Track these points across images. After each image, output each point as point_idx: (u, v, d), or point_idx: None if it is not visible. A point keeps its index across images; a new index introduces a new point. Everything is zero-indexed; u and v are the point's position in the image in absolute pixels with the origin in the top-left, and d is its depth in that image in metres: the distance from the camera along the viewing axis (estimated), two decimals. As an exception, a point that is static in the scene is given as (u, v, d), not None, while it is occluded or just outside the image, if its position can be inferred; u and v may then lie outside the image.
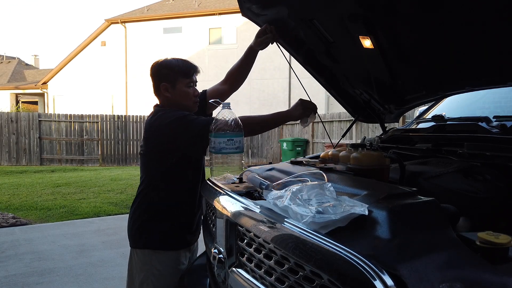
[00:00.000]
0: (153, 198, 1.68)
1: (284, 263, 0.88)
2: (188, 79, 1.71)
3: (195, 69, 1.76)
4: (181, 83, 1.70)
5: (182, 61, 1.75)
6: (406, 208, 0.80)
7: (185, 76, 1.70)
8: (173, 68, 1.71)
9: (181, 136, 1.59)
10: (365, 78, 1.94)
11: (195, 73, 1.75)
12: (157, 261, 1.64)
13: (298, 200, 0.90)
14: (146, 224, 1.68)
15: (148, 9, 19.46)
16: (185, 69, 1.72)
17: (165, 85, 1.70)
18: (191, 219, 1.74)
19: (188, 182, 1.72)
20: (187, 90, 1.71)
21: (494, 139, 1.39)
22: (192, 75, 1.73)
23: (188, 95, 1.71)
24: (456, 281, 0.62)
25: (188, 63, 1.75)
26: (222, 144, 1.42)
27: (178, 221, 1.69)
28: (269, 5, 1.68)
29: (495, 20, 1.26)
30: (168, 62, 1.74)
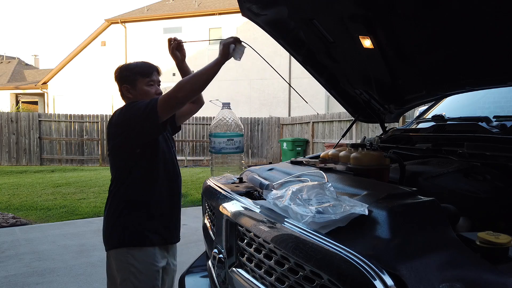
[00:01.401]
0: (122, 196, 1.67)
1: (284, 263, 0.88)
2: (148, 78, 1.74)
3: (154, 68, 1.79)
4: (141, 82, 1.73)
5: (142, 62, 1.81)
6: (406, 208, 0.80)
7: (144, 75, 1.74)
8: (132, 69, 1.76)
9: (132, 121, 1.60)
10: (365, 78, 1.94)
11: (155, 72, 1.78)
12: (133, 259, 1.62)
13: (298, 200, 0.90)
14: (117, 222, 1.66)
15: (148, 9, 19.45)
16: (144, 68, 1.76)
17: (126, 87, 1.74)
18: (166, 215, 1.73)
19: (156, 176, 1.70)
20: (147, 89, 1.73)
21: (494, 139, 1.39)
22: (152, 74, 1.76)
23: (149, 93, 1.72)
24: (456, 281, 0.62)
25: (147, 63, 1.81)
26: (222, 144, 1.42)
27: (150, 217, 1.68)
28: (269, 5, 1.68)
29: (495, 20, 1.26)
30: (128, 64, 1.83)
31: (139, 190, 1.67)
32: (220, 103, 1.52)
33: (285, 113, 16.21)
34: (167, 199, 1.73)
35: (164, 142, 1.75)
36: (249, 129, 13.03)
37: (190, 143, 13.03)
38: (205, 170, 10.95)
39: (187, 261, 2.24)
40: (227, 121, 1.45)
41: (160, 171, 1.71)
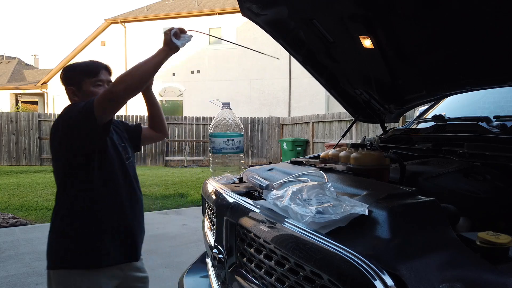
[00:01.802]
0: (66, 210, 1.51)
1: (284, 263, 0.88)
2: (94, 77, 1.58)
3: (102, 66, 1.63)
4: (87, 83, 1.57)
5: (89, 61, 1.66)
6: (406, 208, 0.80)
7: (90, 75, 1.58)
8: (76, 69, 1.61)
9: (71, 124, 1.45)
10: (365, 78, 1.94)
11: (103, 71, 1.62)
12: (74, 284, 1.45)
13: (298, 200, 0.90)
14: (59, 238, 1.49)
15: (148, 9, 19.45)
16: (89, 67, 1.61)
17: (71, 89, 1.59)
18: (117, 230, 1.54)
19: (102, 185, 1.52)
20: (94, 90, 1.56)
21: (494, 139, 1.39)
22: (99, 73, 1.60)
23: (95, 94, 1.53)
24: (456, 281, 0.62)
25: (94, 62, 1.65)
26: (222, 144, 1.42)
27: (97, 233, 1.49)
28: (269, 5, 1.68)
29: (495, 20, 1.26)
30: (72, 64, 1.67)
31: (84, 203, 1.50)
32: (220, 103, 1.52)
33: (285, 113, 16.22)
34: (116, 211, 1.54)
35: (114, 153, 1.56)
36: (249, 129, 13.03)
37: (190, 143, 13.03)
38: (205, 170, 10.95)
39: (187, 261, 2.24)
40: (227, 121, 1.45)
41: (102, 180, 1.52)
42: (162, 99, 18.39)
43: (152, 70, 1.44)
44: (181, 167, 12.25)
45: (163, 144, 12.84)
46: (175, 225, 5.03)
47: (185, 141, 13.02)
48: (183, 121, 13.10)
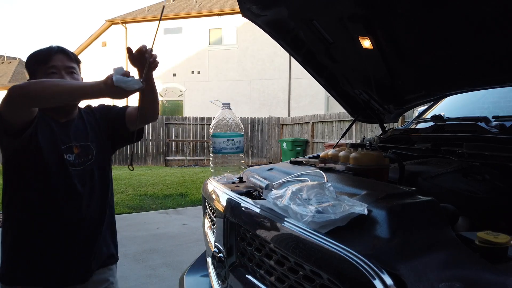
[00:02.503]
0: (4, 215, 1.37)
1: (284, 263, 0.88)
2: (45, 65, 1.36)
3: (55, 50, 1.39)
4: (40, 72, 1.36)
5: (45, 47, 1.43)
6: (405, 208, 0.80)
7: (41, 62, 1.36)
8: (30, 58, 1.41)
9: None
10: (364, 78, 1.95)
11: (57, 55, 1.38)
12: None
13: (298, 199, 0.90)
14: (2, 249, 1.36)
15: (148, 10, 19.46)
16: (41, 54, 1.38)
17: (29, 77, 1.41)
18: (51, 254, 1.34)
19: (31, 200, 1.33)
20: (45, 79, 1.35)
21: (493, 139, 1.39)
22: (50, 60, 1.36)
23: None
24: (455, 280, 0.63)
25: (48, 47, 1.41)
26: (222, 144, 1.43)
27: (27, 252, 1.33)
28: (269, 6, 1.68)
29: (495, 20, 1.27)
30: (31, 53, 1.44)
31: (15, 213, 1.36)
32: (220, 103, 1.52)
33: (285, 113, 16.22)
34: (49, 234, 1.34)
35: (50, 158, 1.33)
36: (249, 129, 13.03)
37: (190, 143, 13.04)
38: (205, 170, 10.95)
39: (188, 260, 2.24)
40: (227, 121, 1.46)
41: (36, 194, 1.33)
42: (162, 99, 18.40)
43: (68, 94, 1.21)
44: (181, 167, 12.26)
45: (163, 144, 12.85)
46: (176, 224, 5.04)
47: (186, 141, 13.03)
48: (184, 121, 13.11)
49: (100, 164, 1.48)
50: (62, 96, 1.23)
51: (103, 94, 1.18)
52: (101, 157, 1.49)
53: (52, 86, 1.22)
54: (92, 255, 1.43)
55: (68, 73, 1.39)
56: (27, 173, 1.33)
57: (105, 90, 1.17)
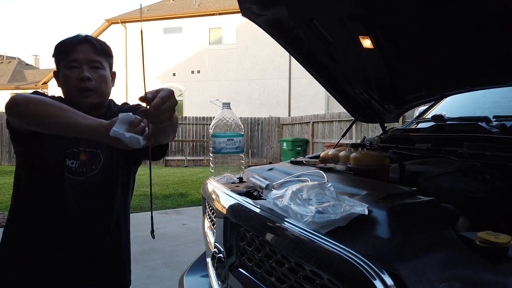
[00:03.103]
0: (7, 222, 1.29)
1: (284, 263, 0.88)
2: (66, 57, 1.22)
3: (77, 41, 1.23)
4: (62, 64, 1.24)
5: (70, 37, 1.28)
6: (405, 208, 0.80)
7: (63, 54, 1.23)
8: (56, 47, 1.27)
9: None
10: (365, 78, 1.95)
11: (80, 46, 1.22)
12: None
13: (298, 199, 0.90)
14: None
15: (148, 9, 19.46)
16: (63, 45, 1.25)
17: (54, 71, 1.31)
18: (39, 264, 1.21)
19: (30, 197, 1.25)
20: (67, 73, 1.22)
21: (494, 139, 1.39)
22: (71, 51, 1.22)
23: (68, 80, 1.22)
24: (455, 280, 0.62)
25: (74, 36, 1.26)
26: (222, 144, 1.42)
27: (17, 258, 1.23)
28: (269, 5, 1.68)
29: (495, 20, 1.27)
30: (59, 41, 1.29)
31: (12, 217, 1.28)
32: (220, 103, 1.52)
33: (285, 113, 16.23)
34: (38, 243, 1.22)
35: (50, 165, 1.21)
36: (249, 129, 13.04)
37: (190, 143, 13.04)
38: (205, 170, 10.95)
39: (187, 260, 2.24)
40: (227, 121, 1.46)
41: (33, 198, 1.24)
42: (162, 99, 18.38)
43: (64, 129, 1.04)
44: (181, 167, 12.26)
45: (163, 144, 12.84)
46: (175, 224, 5.04)
47: (185, 141, 13.03)
48: (184, 121, 13.11)
49: (105, 179, 1.26)
50: (56, 129, 1.06)
51: (103, 140, 1.00)
52: (109, 171, 1.27)
53: (49, 115, 1.03)
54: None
55: (92, 67, 1.23)
56: (28, 173, 1.24)
57: (104, 138, 0.98)
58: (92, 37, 1.26)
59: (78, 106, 1.14)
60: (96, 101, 1.27)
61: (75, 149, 1.23)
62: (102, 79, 1.27)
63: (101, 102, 1.31)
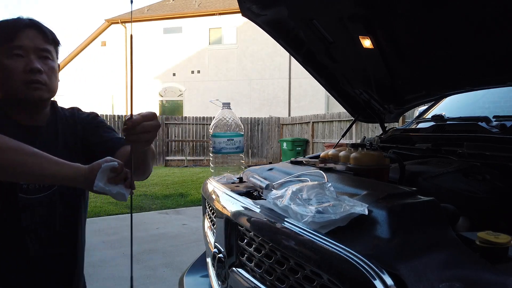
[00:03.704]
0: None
1: (284, 263, 0.88)
2: (9, 43, 1.01)
3: (22, 25, 1.03)
4: (1, 52, 1.02)
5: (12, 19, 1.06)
6: (405, 208, 0.80)
7: (3, 39, 1.02)
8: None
9: None
10: (365, 78, 1.95)
11: (26, 31, 1.02)
12: None
13: (298, 199, 0.90)
14: None
15: (148, 9, 19.46)
16: (4, 28, 1.03)
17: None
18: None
19: None
20: (7, 62, 1.01)
21: (494, 139, 1.39)
22: (15, 37, 1.01)
23: (9, 70, 1.01)
24: (455, 280, 0.62)
25: (15, 18, 1.05)
26: (222, 144, 1.42)
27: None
28: (269, 5, 1.68)
29: (495, 20, 1.27)
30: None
31: None
32: (220, 103, 1.52)
33: (285, 113, 16.23)
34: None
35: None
36: (249, 129, 13.04)
37: (190, 143, 13.03)
38: (205, 170, 10.95)
39: (187, 260, 2.24)
40: (227, 121, 1.46)
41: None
42: (162, 99, 18.40)
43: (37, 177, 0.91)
44: (181, 167, 12.26)
45: (163, 144, 12.85)
46: (176, 224, 5.04)
47: (185, 141, 13.02)
48: (183, 121, 13.11)
49: (66, 196, 1.10)
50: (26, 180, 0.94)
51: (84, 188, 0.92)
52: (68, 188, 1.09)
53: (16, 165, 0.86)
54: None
55: (40, 57, 1.04)
56: None
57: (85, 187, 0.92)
58: (38, 21, 1.06)
59: (24, 101, 1.03)
60: (46, 97, 1.08)
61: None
62: (52, 71, 1.08)
63: (49, 98, 1.13)
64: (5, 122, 1.03)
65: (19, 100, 1.04)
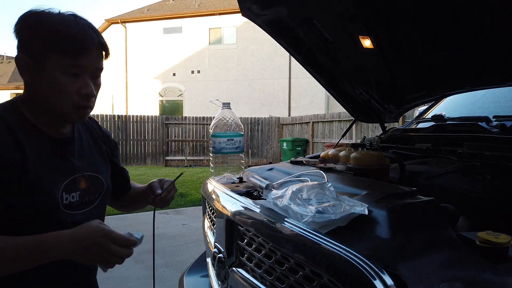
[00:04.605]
0: None
1: (284, 263, 0.88)
2: (71, 59, 0.88)
3: (93, 43, 0.90)
4: (54, 63, 0.87)
5: (74, 21, 0.90)
6: (406, 208, 0.80)
7: (64, 52, 0.87)
8: (43, 28, 0.88)
9: None
10: (365, 78, 1.95)
11: (93, 50, 0.91)
12: None
13: (298, 199, 0.90)
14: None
15: (148, 9, 19.45)
16: (68, 37, 0.87)
17: (25, 61, 0.89)
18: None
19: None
20: (62, 79, 0.88)
21: (494, 139, 1.39)
22: (82, 53, 0.89)
23: (62, 88, 0.89)
24: (455, 280, 0.62)
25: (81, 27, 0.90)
26: (222, 144, 1.42)
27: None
28: (269, 5, 1.68)
29: (495, 20, 1.27)
30: (39, 14, 0.89)
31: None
32: (220, 103, 1.52)
33: (285, 113, 16.23)
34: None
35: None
36: (249, 129, 13.03)
37: (190, 143, 13.03)
38: (205, 170, 10.95)
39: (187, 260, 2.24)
40: (227, 121, 1.46)
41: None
42: (162, 99, 18.40)
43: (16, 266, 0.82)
44: (181, 167, 12.25)
45: (163, 144, 12.85)
46: (175, 224, 5.04)
47: (185, 141, 13.02)
48: (183, 121, 13.10)
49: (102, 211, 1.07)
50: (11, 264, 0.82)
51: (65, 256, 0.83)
52: (104, 201, 1.08)
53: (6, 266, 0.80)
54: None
55: (95, 77, 0.95)
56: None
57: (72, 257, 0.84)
58: (104, 39, 0.97)
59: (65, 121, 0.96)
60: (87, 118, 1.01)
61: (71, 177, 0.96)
62: (98, 89, 0.99)
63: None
64: (39, 136, 0.93)
65: (60, 119, 0.95)
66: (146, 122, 12.84)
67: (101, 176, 1.06)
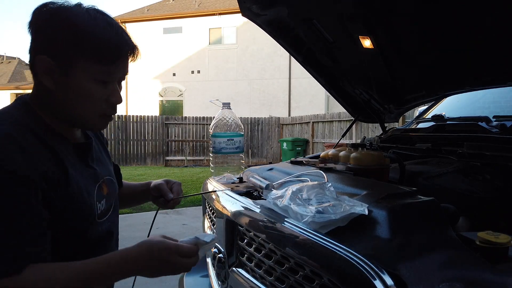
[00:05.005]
0: None
1: (284, 263, 0.88)
2: (103, 65, 0.82)
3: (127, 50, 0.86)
4: (83, 68, 0.80)
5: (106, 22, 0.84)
6: (406, 208, 0.80)
7: (96, 57, 0.81)
8: (78, 33, 0.79)
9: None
10: (365, 78, 1.95)
11: (124, 58, 0.85)
12: None
13: (298, 200, 0.90)
14: None
15: (148, 9, 19.45)
16: (103, 43, 0.81)
17: (48, 64, 0.79)
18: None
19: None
20: (90, 87, 0.82)
21: (494, 139, 1.39)
22: (114, 62, 0.83)
23: (90, 96, 0.83)
24: (455, 280, 0.62)
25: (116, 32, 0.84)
26: (222, 144, 1.42)
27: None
28: (269, 5, 1.68)
29: (495, 20, 1.27)
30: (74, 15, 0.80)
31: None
32: (220, 103, 1.52)
33: (285, 113, 16.23)
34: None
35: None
36: (249, 129, 13.03)
37: (190, 143, 13.03)
38: (205, 170, 10.95)
39: (187, 261, 2.24)
40: (227, 121, 1.45)
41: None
42: (162, 99, 18.40)
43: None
44: (181, 167, 12.25)
45: (163, 144, 12.85)
46: (176, 224, 5.04)
47: (185, 141, 13.02)
48: (183, 121, 13.11)
49: (118, 214, 1.05)
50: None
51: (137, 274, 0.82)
52: (118, 203, 1.06)
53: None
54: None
55: (120, 82, 0.90)
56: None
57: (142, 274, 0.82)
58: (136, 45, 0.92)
59: (86, 128, 0.93)
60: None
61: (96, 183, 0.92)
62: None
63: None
64: (64, 142, 0.86)
65: (80, 125, 0.90)
66: (146, 122, 12.84)
67: (114, 179, 1.03)
